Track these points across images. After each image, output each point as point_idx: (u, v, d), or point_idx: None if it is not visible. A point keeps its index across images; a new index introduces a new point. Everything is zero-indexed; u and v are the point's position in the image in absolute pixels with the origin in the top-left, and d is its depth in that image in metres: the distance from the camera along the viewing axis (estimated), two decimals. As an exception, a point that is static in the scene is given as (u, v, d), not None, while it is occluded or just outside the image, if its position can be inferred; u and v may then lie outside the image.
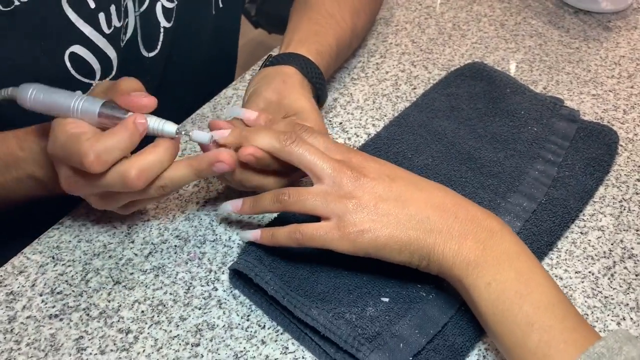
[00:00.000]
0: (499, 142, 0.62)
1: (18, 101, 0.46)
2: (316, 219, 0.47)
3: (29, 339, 0.47)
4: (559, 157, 0.61)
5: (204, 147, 0.49)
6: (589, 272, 0.53)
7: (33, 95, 0.46)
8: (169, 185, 0.47)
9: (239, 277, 0.51)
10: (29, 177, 0.51)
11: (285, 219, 0.53)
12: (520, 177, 0.59)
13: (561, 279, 0.52)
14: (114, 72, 0.59)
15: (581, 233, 0.56)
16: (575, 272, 0.53)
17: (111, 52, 0.58)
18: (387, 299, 0.48)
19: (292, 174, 0.52)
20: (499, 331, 0.42)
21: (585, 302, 0.51)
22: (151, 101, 0.45)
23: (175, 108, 0.61)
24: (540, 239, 0.54)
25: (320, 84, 0.60)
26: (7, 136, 0.52)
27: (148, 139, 0.46)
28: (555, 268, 0.53)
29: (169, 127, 0.46)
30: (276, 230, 0.48)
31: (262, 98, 0.54)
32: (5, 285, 0.51)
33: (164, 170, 0.46)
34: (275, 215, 0.55)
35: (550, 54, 0.77)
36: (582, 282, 0.52)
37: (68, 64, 0.55)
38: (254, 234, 0.49)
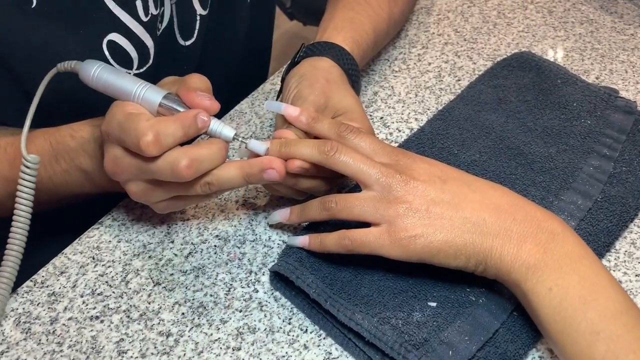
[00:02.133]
0: (550, 136, 0.59)
1: (80, 76, 0.46)
2: (364, 224, 0.45)
3: (71, 340, 0.47)
4: (615, 151, 0.57)
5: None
6: (651, 275, 0.50)
7: (97, 73, 0.46)
8: (215, 184, 0.45)
9: (280, 279, 0.49)
10: (77, 168, 0.51)
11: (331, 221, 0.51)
12: (573, 173, 0.55)
13: (620, 282, 0.49)
14: (151, 61, 0.59)
15: (641, 233, 0.53)
16: (636, 275, 0.50)
17: (148, 41, 0.57)
18: (434, 304, 0.46)
19: (340, 177, 0.50)
20: (561, 340, 0.39)
21: (647, 307, 0.47)
22: (214, 105, 0.45)
23: None
24: (597, 239, 0.51)
25: (355, 75, 0.58)
26: (62, 127, 0.52)
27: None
28: (614, 271, 0.50)
29: (228, 130, 0.46)
30: (324, 237, 0.47)
31: (311, 102, 0.51)
32: (47, 286, 0.51)
33: (213, 168, 0.45)
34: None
35: (603, 42, 0.72)
36: (644, 286, 0.49)
37: (106, 53, 0.55)
38: (302, 241, 0.48)
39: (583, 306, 0.39)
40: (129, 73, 0.58)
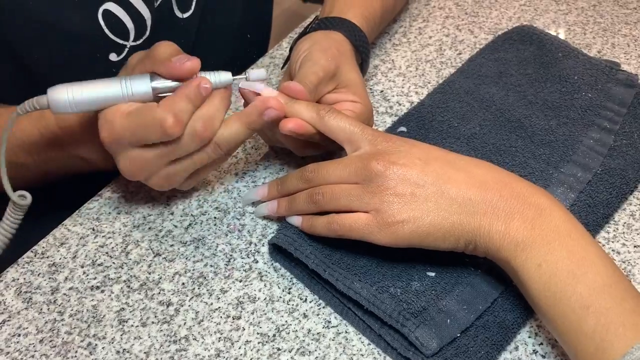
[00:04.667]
0: (550, 109, 0.59)
1: (53, 109, 0.43)
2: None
3: (72, 310, 0.47)
4: (615, 124, 0.57)
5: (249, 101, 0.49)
6: (649, 246, 0.50)
7: (72, 96, 0.42)
8: (224, 144, 0.46)
9: (279, 251, 0.50)
10: (72, 156, 0.51)
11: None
12: (573, 146, 0.55)
13: (619, 253, 0.49)
14: (147, 33, 0.58)
15: (640, 205, 0.53)
16: (635, 247, 0.50)
17: (145, 12, 0.57)
18: (433, 274, 0.46)
19: (332, 147, 0.51)
20: (551, 315, 0.39)
21: (645, 278, 0.48)
22: (195, 64, 0.44)
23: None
24: (596, 211, 0.51)
25: (365, 53, 0.58)
26: (45, 114, 0.51)
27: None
28: (612, 242, 0.50)
29: (225, 76, 0.46)
30: (315, 220, 0.47)
31: (321, 67, 0.51)
32: (47, 257, 0.51)
33: (222, 119, 0.45)
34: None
35: (605, 15, 0.72)
36: (642, 256, 0.49)
37: (102, 22, 0.54)
38: (296, 221, 0.49)
39: (572, 281, 0.38)
40: (125, 44, 0.57)
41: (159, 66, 0.44)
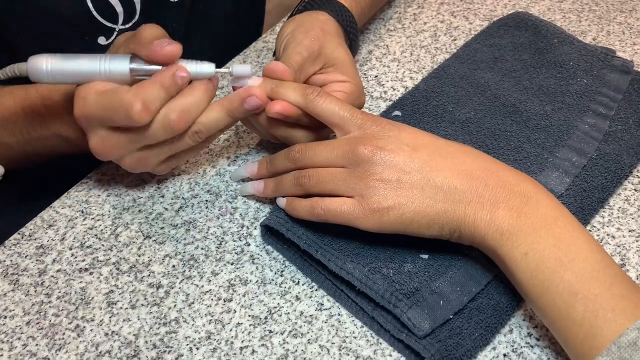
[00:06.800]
0: (546, 94, 0.58)
1: (31, 77, 0.42)
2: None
3: (60, 292, 0.46)
4: (610, 110, 0.57)
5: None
6: (644, 230, 0.49)
7: (49, 66, 0.42)
8: (203, 131, 0.45)
9: (272, 234, 0.49)
10: (55, 135, 0.50)
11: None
12: (569, 130, 0.55)
13: (614, 237, 0.49)
14: (137, 17, 0.57)
15: (635, 190, 0.52)
16: (629, 231, 0.49)
17: None
18: (426, 256, 0.46)
19: (321, 129, 0.50)
20: (540, 303, 0.39)
21: (640, 261, 0.47)
22: (175, 49, 0.42)
23: (202, 59, 0.58)
24: (591, 195, 0.50)
25: (353, 33, 0.57)
26: (29, 90, 0.50)
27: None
28: (607, 226, 0.50)
29: (207, 67, 0.44)
30: (297, 203, 0.46)
31: (304, 47, 0.50)
32: (35, 239, 0.50)
33: (201, 112, 0.44)
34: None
35: (601, 3, 0.72)
36: (637, 240, 0.49)
37: (90, 5, 0.53)
38: (282, 202, 0.48)
39: (560, 268, 0.38)
40: (114, 28, 0.56)
41: (140, 48, 0.42)
